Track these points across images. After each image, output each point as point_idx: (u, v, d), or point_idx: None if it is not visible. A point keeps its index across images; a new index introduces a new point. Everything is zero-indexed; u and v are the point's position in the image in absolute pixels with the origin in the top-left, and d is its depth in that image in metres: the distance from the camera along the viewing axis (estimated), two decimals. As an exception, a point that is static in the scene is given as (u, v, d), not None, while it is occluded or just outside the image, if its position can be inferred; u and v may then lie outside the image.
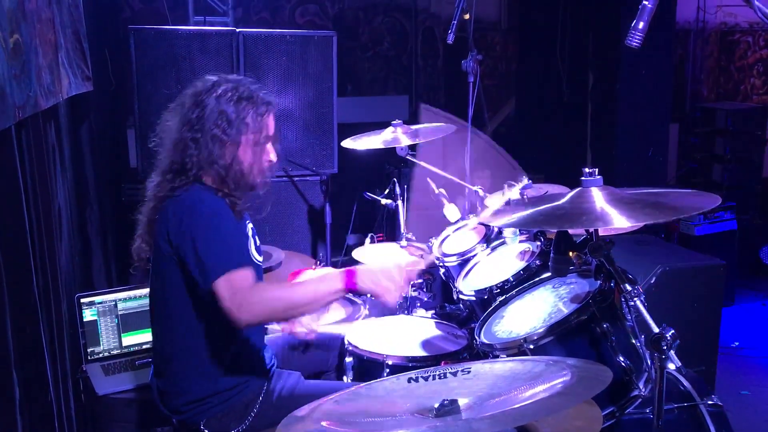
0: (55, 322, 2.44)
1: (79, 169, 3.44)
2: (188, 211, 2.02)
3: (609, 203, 1.62)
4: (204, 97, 2.11)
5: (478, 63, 3.21)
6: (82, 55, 3.20)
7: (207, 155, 2.07)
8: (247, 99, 2.11)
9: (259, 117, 2.12)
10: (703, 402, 2.19)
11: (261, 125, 2.13)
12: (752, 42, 6.93)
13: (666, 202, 1.66)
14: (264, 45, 3.58)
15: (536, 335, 1.96)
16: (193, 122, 2.09)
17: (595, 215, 1.59)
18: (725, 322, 3.71)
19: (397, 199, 3.11)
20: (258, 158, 2.16)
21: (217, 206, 2.06)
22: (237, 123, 2.09)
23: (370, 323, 2.72)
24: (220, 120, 2.08)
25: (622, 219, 1.54)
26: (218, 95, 2.10)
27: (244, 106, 2.10)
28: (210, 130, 2.07)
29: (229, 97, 2.09)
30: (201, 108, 2.09)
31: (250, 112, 2.10)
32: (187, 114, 2.12)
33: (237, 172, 2.12)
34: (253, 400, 2.16)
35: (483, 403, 1.33)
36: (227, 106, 2.09)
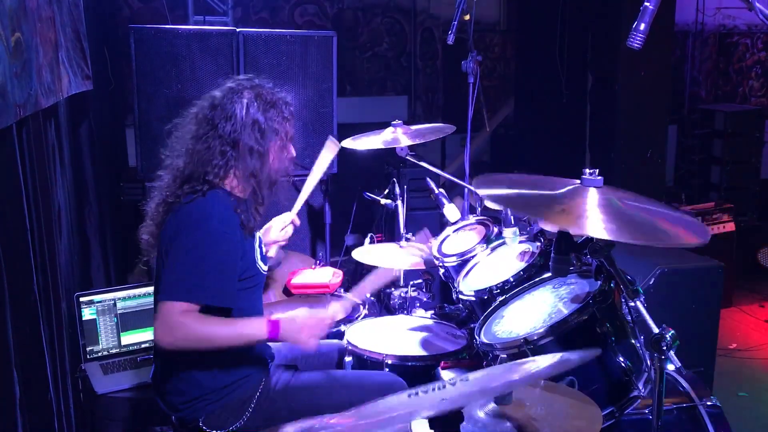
0: (54, 321, 2.44)
1: (78, 168, 3.44)
2: (190, 225, 2.04)
3: (599, 207, 1.63)
4: (229, 107, 2.11)
5: (478, 64, 3.22)
6: (82, 53, 3.20)
7: (240, 164, 2.10)
8: (272, 105, 2.14)
9: (285, 122, 2.16)
10: (702, 403, 2.20)
11: (287, 129, 2.18)
12: (750, 44, 6.95)
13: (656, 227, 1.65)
14: (264, 45, 3.57)
15: (536, 335, 1.96)
16: (225, 133, 2.09)
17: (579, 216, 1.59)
18: (723, 324, 3.71)
19: (396, 199, 3.11)
20: (285, 159, 2.21)
21: (220, 230, 2.04)
22: (269, 132, 2.12)
23: (370, 323, 2.72)
24: (254, 131, 2.10)
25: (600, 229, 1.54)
26: (244, 105, 2.11)
27: (271, 113, 2.13)
28: (246, 143, 2.09)
29: (256, 106, 2.11)
30: (229, 118, 2.10)
31: (277, 118, 2.13)
32: (212, 123, 2.12)
33: (267, 177, 2.17)
34: (251, 395, 2.17)
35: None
36: (258, 116, 2.11)
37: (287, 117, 2.18)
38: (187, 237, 2.02)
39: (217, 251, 2.02)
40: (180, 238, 2.03)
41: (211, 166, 2.09)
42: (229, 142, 2.09)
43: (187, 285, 1.97)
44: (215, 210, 2.06)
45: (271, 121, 2.12)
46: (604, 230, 1.55)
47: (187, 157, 2.13)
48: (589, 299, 1.97)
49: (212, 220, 2.04)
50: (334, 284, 2.98)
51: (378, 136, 2.99)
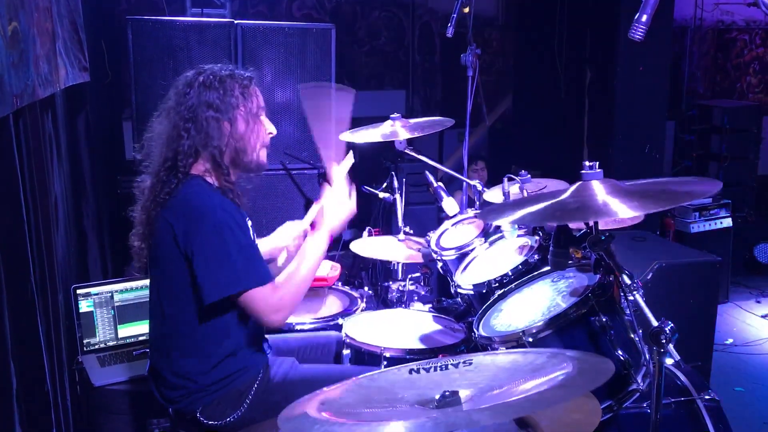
0: (51, 313, 2.43)
1: (75, 160, 3.43)
2: (194, 218, 2.02)
3: (611, 195, 1.62)
4: (187, 90, 2.12)
5: (477, 57, 3.21)
6: (79, 45, 3.18)
7: (202, 138, 2.08)
8: (228, 77, 2.13)
9: (245, 89, 2.14)
10: (700, 397, 2.20)
11: (249, 96, 2.14)
12: (749, 40, 6.96)
13: (668, 191, 1.65)
14: (262, 37, 3.56)
15: (535, 328, 1.96)
16: (183, 113, 2.09)
17: (598, 208, 1.58)
18: (719, 319, 3.73)
19: (394, 192, 3.10)
20: (256, 132, 2.17)
21: (223, 213, 2.04)
22: (226, 99, 2.10)
23: (368, 316, 2.72)
24: (209, 101, 2.09)
25: (625, 209, 1.54)
26: (200, 83, 2.11)
27: (228, 83, 2.12)
28: (202, 114, 2.08)
29: (210, 81, 2.11)
30: (187, 99, 2.11)
31: (235, 86, 2.11)
32: (174, 109, 2.13)
33: (235, 150, 2.13)
34: (248, 387, 2.16)
35: (484, 394, 1.33)
36: (212, 89, 2.10)
37: (248, 85, 2.14)
38: (198, 229, 2.01)
39: (239, 237, 2.03)
40: (194, 231, 2.01)
41: (180, 146, 2.09)
42: (189, 118, 2.09)
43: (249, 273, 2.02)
44: (212, 201, 2.05)
45: (229, 89, 2.10)
46: (630, 209, 1.55)
47: (161, 155, 2.13)
48: (588, 292, 1.97)
49: (217, 210, 2.03)
50: (332, 277, 2.97)
51: (376, 130, 2.98)
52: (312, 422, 1.24)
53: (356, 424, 1.20)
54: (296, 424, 1.26)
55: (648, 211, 1.53)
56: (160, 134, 2.16)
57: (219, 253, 1.99)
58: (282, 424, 1.29)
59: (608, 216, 1.56)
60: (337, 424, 1.22)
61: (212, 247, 1.99)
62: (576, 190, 1.69)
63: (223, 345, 2.13)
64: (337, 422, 1.22)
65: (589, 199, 1.62)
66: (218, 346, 2.12)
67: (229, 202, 2.11)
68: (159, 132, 2.17)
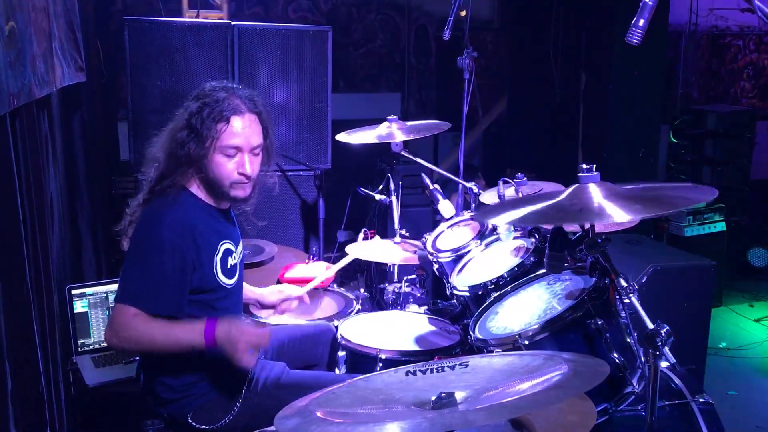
0: (46, 313, 2.42)
1: (70, 160, 3.42)
2: (143, 231, 2.07)
3: (607, 198, 1.63)
4: (185, 107, 2.15)
5: (473, 60, 3.21)
6: (75, 45, 3.17)
7: (181, 157, 2.09)
8: (209, 106, 2.08)
9: (222, 122, 2.08)
10: (695, 400, 2.21)
11: (221, 130, 2.08)
12: (743, 46, 6.99)
13: (664, 196, 1.66)
14: (259, 38, 3.56)
15: (531, 331, 1.96)
16: (179, 136, 2.11)
17: (595, 210, 1.59)
18: (713, 323, 3.74)
19: (390, 194, 3.11)
20: (223, 167, 2.11)
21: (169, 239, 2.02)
22: (202, 126, 2.08)
23: (363, 318, 2.72)
24: (190, 124, 2.09)
25: (622, 213, 1.54)
26: (192, 103, 2.12)
27: (208, 110, 2.08)
28: (182, 134, 2.10)
29: (198, 105, 2.10)
30: (180, 115, 2.14)
31: (213, 115, 2.07)
32: (178, 125, 2.15)
33: (209, 177, 2.13)
34: (237, 390, 2.17)
35: (480, 395, 1.33)
36: (195, 113, 2.09)
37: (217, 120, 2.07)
38: (139, 243, 2.06)
39: (165, 260, 2.02)
40: (134, 243, 2.07)
41: (174, 166, 2.11)
42: (176, 142, 2.11)
43: (137, 291, 2.00)
44: (168, 217, 2.05)
45: (204, 121, 2.07)
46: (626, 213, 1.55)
47: (163, 153, 2.15)
48: (584, 295, 1.98)
49: (163, 227, 2.03)
50: (328, 279, 2.97)
51: (373, 131, 2.98)
52: (308, 422, 1.24)
53: (352, 424, 1.20)
54: (292, 424, 1.26)
55: (644, 216, 1.54)
56: (167, 136, 2.18)
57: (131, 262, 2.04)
58: (278, 424, 1.30)
59: (604, 220, 1.57)
60: (334, 424, 1.22)
61: (132, 256, 2.05)
62: (573, 192, 1.69)
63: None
64: (333, 422, 1.22)
65: (586, 202, 1.63)
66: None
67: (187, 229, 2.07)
68: (167, 133, 2.19)
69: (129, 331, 1.97)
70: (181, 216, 2.07)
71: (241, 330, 2.00)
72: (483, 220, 1.93)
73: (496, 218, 1.81)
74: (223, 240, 2.19)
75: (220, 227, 2.20)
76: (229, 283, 2.20)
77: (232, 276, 2.21)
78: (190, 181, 2.14)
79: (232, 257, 2.22)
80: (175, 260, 2.02)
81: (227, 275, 2.19)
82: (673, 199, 1.61)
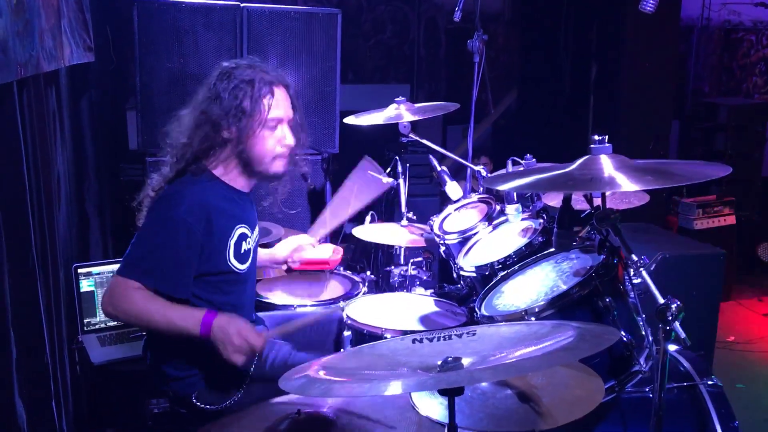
0: (52, 289, 2.42)
1: (78, 142, 3.42)
2: (159, 208, 2.05)
3: (618, 170, 1.61)
4: (211, 86, 2.11)
5: (483, 43, 3.19)
6: (84, 25, 3.17)
7: (212, 138, 2.08)
8: (247, 82, 2.08)
9: (259, 97, 2.08)
10: (703, 382, 2.19)
11: (260, 104, 2.08)
12: (755, 41, 6.93)
13: (675, 170, 1.64)
14: (268, 21, 3.54)
15: (537, 308, 1.94)
16: (208, 116, 2.08)
17: (605, 180, 1.57)
18: (721, 317, 3.71)
19: (398, 177, 3.09)
20: (267, 142, 2.12)
21: (184, 219, 2.01)
22: (236, 104, 2.07)
23: (369, 299, 2.71)
24: (222, 104, 2.07)
25: (631, 184, 1.52)
26: (221, 82, 2.09)
27: (242, 88, 2.07)
28: (220, 124, 2.07)
29: (229, 83, 2.07)
30: (213, 100, 2.09)
31: (248, 92, 2.06)
32: (202, 106, 2.12)
33: (247, 156, 2.11)
34: (245, 371, 2.14)
35: (487, 360, 1.31)
36: (228, 92, 2.07)
37: (261, 96, 2.08)
38: (154, 219, 2.05)
39: (177, 239, 2.00)
40: (149, 218, 2.06)
41: (207, 148, 2.10)
42: (210, 124, 2.08)
43: (144, 266, 1.98)
44: (188, 199, 2.04)
45: (240, 97, 2.06)
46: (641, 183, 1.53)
47: (191, 138, 2.11)
48: (592, 272, 1.96)
49: (181, 207, 2.01)
50: (334, 261, 2.95)
51: (381, 113, 2.97)
52: (312, 381, 1.23)
53: (356, 381, 1.19)
54: (297, 382, 1.24)
55: (654, 187, 1.52)
56: (187, 122, 2.15)
57: (143, 237, 2.03)
58: (283, 383, 1.28)
59: (614, 188, 1.55)
60: (338, 382, 1.20)
61: (144, 231, 2.04)
62: (583, 162, 1.67)
63: None
64: (337, 381, 1.21)
65: (597, 172, 1.61)
66: None
67: (204, 212, 2.06)
68: (186, 119, 2.15)
69: (127, 305, 1.95)
70: (201, 198, 2.05)
71: (239, 329, 1.96)
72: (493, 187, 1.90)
73: (506, 185, 1.79)
74: (239, 224, 2.17)
75: (238, 211, 2.18)
76: (241, 268, 2.18)
77: (244, 261, 2.19)
78: (213, 163, 2.13)
79: (246, 242, 2.20)
80: (187, 241, 2.01)
81: (240, 260, 2.17)
82: (685, 173, 1.59)
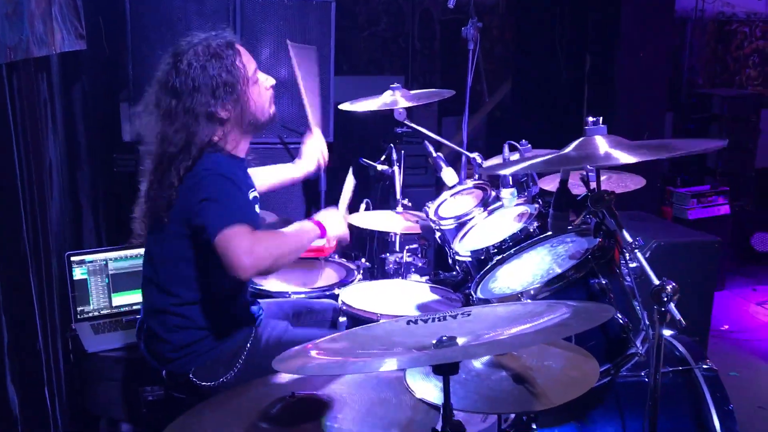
0: (45, 277, 2.41)
1: (71, 131, 3.39)
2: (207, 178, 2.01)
3: (613, 147, 1.60)
4: (186, 67, 2.04)
5: (478, 30, 3.18)
6: (76, 12, 3.14)
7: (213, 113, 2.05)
8: (210, 57, 2.04)
9: (233, 64, 2.06)
10: (698, 366, 2.18)
11: (239, 70, 2.07)
12: (749, 32, 6.94)
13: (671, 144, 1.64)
14: (262, 9, 3.52)
15: (533, 290, 1.94)
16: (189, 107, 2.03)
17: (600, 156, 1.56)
18: (716, 307, 3.71)
19: (393, 164, 3.08)
20: (261, 92, 2.17)
21: (228, 171, 2.04)
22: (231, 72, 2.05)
23: (365, 285, 2.70)
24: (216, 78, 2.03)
25: (628, 156, 1.51)
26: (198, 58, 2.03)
27: (213, 66, 2.03)
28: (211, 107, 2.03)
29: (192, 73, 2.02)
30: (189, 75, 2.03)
31: (222, 67, 2.04)
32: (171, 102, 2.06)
33: (251, 120, 2.14)
34: (241, 347, 2.15)
35: (481, 338, 1.31)
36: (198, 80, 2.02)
37: (233, 62, 2.06)
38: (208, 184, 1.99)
39: (237, 188, 2.03)
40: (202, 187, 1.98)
41: (210, 131, 2.06)
42: (204, 116, 2.04)
43: (237, 215, 1.94)
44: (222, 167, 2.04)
45: (224, 73, 2.04)
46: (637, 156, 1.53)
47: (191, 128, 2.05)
48: (588, 255, 1.95)
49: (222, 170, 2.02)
50: (329, 249, 2.94)
51: (377, 100, 2.95)
52: (306, 360, 1.22)
53: (351, 360, 1.18)
54: (291, 363, 1.23)
55: (649, 158, 1.51)
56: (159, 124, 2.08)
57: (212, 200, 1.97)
58: (276, 364, 1.27)
59: (610, 161, 1.54)
60: (332, 361, 1.19)
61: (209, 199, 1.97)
62: (579, 144, 1.67)
63: (216, 306, 2.12)
64: (332, 360, 1.20)
65: (592, 151, 1.60)
66: (211, 307, 2.11)
67: (238, 169, 2.12)
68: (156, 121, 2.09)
69: (257, 245, 1.90)
70: (227, 166, 2.08)
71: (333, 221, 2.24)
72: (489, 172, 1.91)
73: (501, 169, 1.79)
74: (251, 188, 2.21)
75: (247, 178, 2.23)
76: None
77: (259, 225, 2.20)
78: (212, 138, 2.10)
79: (257, 206, 2.23)
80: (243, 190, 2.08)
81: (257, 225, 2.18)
82: (681, 145, 1.59)
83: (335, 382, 1.70)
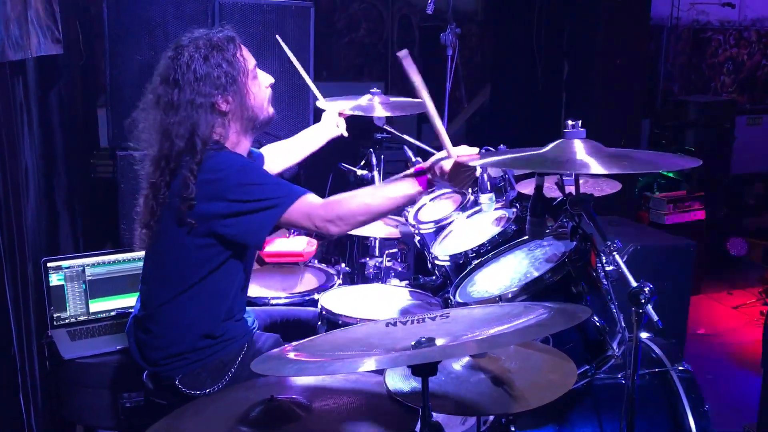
0: (20, 282, 2.38)
1: (48, 136, 3.35)
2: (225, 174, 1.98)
3: (591, 155, 1.62)
4: (184, 68, 2.02)
5: (456, 36, 3.20)
6: (53, 16, 3.12)
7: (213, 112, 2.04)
8: (212, 48, 2.04)
9: (234, 57, 2.06)
10: (674, 368, 2.21)
11: (239, 63, 2.07)
12: (723, 40, 7.05)
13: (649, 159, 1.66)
14: (240, 13, 3.51)
15: (511, 293, 1.95)
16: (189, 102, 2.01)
17: (577, 162, 1.58)
18: (692, 310, 3.76)
19: (373, 169, 3.08)
20: (259, 88, 2.15)
21: (244, 160, 2.07)
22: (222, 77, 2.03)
23: (345, 290, 2.70)
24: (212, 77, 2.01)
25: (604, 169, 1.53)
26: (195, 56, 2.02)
27: (215, 57, 2.02)
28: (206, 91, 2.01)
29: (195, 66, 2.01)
30: (187, 76, 2.01)
31: (223, 59, 2.03)
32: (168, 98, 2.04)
33: (250, 116, 2.12)
34: (232, 359, 2.12)
35: (459, 339, 1.31)
36: (201, 70, 2.00)
37: (233, 55, 2.06)
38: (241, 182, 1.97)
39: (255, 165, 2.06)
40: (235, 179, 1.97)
41: (211, 127, 2.03)
42: (199, 103, 2.01)
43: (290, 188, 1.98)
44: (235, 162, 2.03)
45: (225, 63, 2.03)
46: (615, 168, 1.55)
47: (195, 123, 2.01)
48: (565, 258, 1.97)
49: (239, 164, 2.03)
50: (308, 253, 2.95)
51: (353, 101, 2.93)
52: (285, 362, 1.22)
53: (330, 361, 1.18)
54: (269, 364, 1.23)
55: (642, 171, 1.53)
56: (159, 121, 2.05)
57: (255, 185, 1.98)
58: (255, 366, 1.27)
59: (586, 170, 1.56)
60: (311, 362, 1.19)
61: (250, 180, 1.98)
62: (556, 146, 1.69)
63: (214, 314, 2.09)
64: (310, 361, 1.20)
65: (570, 155, 1.62)
66: (208, 315, 2.09)
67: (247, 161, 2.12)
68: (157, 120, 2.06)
69: (335, 205, 1.96)
70: (239, 158, 2.08)
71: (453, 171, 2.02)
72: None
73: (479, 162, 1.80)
74: None
75: None
76: None
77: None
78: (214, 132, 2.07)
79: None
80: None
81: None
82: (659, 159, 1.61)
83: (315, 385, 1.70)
